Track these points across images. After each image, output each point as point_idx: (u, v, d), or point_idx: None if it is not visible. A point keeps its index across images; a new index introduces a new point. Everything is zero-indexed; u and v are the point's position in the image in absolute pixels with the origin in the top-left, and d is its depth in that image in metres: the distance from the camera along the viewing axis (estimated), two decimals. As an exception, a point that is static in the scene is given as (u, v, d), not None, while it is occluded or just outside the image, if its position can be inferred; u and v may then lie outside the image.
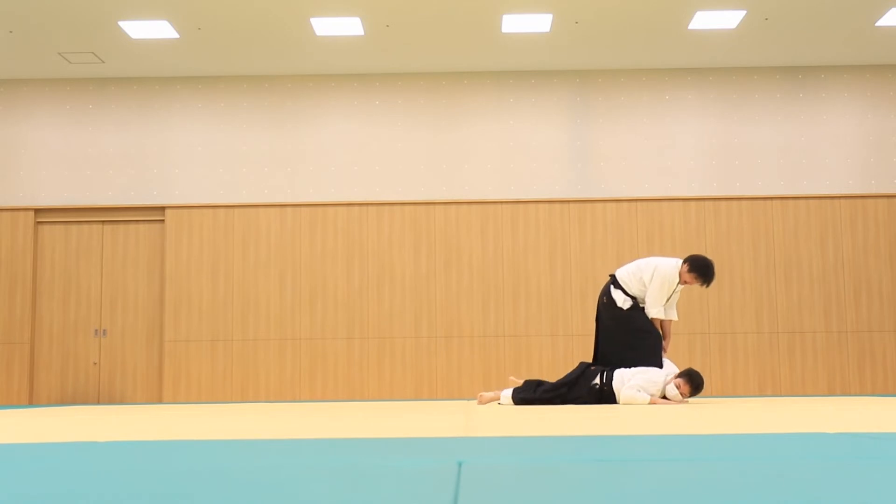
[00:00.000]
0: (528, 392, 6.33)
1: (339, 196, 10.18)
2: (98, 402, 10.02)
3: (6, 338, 10.06)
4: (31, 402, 10.04)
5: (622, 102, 10.29)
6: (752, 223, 10.10)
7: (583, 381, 6.25)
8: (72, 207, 10.22)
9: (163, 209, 10.21)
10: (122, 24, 8.90)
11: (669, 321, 6.60)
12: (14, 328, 10.06)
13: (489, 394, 6.57)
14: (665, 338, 6.59)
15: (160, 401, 9.98)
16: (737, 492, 1.53)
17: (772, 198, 10.12)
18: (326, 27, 9.01)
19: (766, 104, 10.27)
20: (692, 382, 6.09)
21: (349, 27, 9.02)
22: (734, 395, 9.54)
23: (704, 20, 9.01)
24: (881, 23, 9.14)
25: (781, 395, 9.55)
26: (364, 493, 1.56)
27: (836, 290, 10.01)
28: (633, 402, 5.94)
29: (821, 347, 9.94)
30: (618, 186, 10.16)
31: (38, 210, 10.24)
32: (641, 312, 6.51)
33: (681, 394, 6.05)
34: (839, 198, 10.12)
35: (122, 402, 9.99)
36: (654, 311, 6.45)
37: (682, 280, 6.44)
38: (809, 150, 10.21)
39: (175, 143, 10.29)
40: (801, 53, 9.95)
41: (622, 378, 6.14)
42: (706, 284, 6.41)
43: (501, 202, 10.12)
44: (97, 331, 10.12)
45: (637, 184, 10.15)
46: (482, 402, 6.51)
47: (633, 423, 3.55)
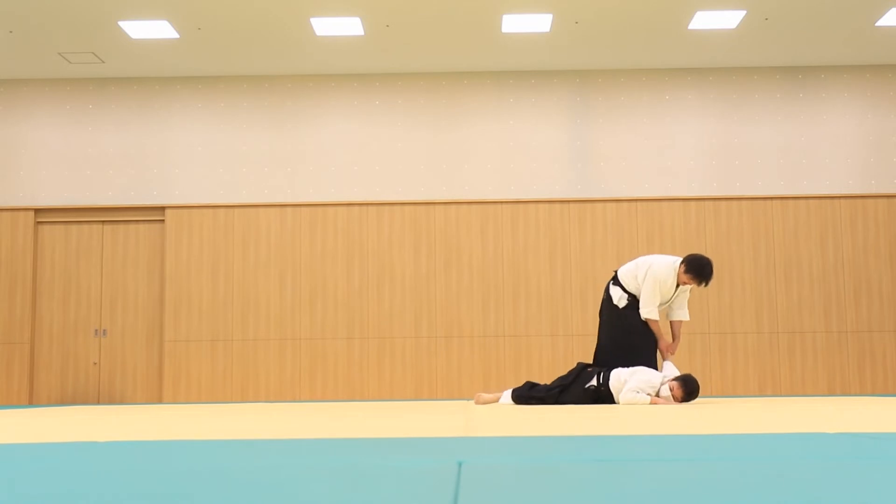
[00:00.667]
0: (524, 390, 6.35)
1: (339, 196, 10.18)
2: (98, 402, 10.02)
3: (6, 338, 10.06)
4: (31, 402, 10.04)
5: (622, 102, 10.28)
6: (752, 223, 10.10)
7: (579, 383, 6.23)
8: (72, 207, 10.22)
9: (163, 209, 10.22)
10: (122, 24, 8.90)
11: (679, 322, 6.54)
12: (14, 328, 10.06)
13: (488, 395, 6.56)
14: (674, 338, 6.55)
15: (160, 401, 9.98)
16: (737, 492, 1.53)
17: (772, 198, 10.12)
18: (326, 27, 9.01)
19: (766, 104, 10.27)
20: (686, 388, 6.02)
21: (349, 27, 9.02)
22: (734, 395, 9.54)
23: (704, 20, 9.01)
24: (881, 23, 9.14)
25: (781, 395, 9.55)
26: (364, 493, 1.56)
27: (836, 290, 10.01)
28: (634, 404, 5.92)
29: (821, 347, 9.94)
30: (618, 186, 10.16)
31: (38, 210, 10.24)
32: (636, 312, 6.48)
33: (673, 397, 5.99)
34: (839, 198, 10.12)
35: (122, 402, 9.99)
36: (645, 312, 6.40)
37: (680, 280, 6.40)
38: (809, 150, 10.21)
39: (175, 143, 10.29)
40: (801, 53, 9.95)
41: (619, 378, 6.11)
42: (703, 284, 6.34)
43: (501, 202, 10.12)
44: (97, 331, 10.12)
45: (637, 184, 10.15)
46: (479, 403, 6.50)
47: (633, 423, 3.55)
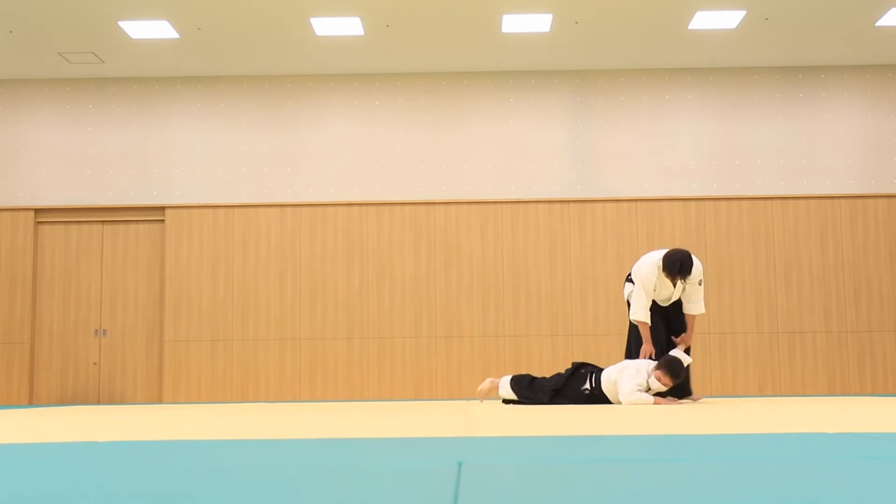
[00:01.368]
0: (522, 385, 6.31)
1: (339, 196, 10.18)
2: (98, 402, 10.02)
3: (6, 338, 10.06)
4: (31, 402, 10.05)
5: (622, 102, 10.28)
6: (752, 223, 10.10)
7: (573, 384, 6.19)
8: (72, 207, 10.22)
9: (163, 209, 10.22)
10: (122, 24, 8.90)
11: (692, 315, 6.51)
12: (14, 328, 10.07)
13: (485, 384, 6.52)
14: (686, 330, 6.52)
15: (160, 401, 9.98)
16: (737, 492, 1.53)
17: (772, 198, 10.12)
18: (326, 27, 9.01)
19: (766, 104, 10.27)
20: (671, 371, 5.95)
21: (349, 27, 9.02)
22: (734, 395, 9.54)
23: (704, 20, 9.01)
24: (881, 23, 9.14)
25: (781, 395, 9.55)
26: (364, 493, 1.56)
27: (836, 290, 10.01)
28: (638, 404, 5.88)
29: (821, 347, 9.94)
30: (618, 186, 10.16)
31: (38, 210, 10.24)
32: None
33: (663, 385, 5.95)
34: (839, 198, 10.12)
35: (122, 402, 9.99)
36: (630, 314, 6.46)
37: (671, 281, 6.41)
38: (809, 150, 10.21)
39: (175, 143, 10.29)
40: (801, 53, 9.95)
41: (609, 378, 6.06)
42: (680, 279, 6.28)
43: (501, 202, 10.12)
44: (97, 331, 10.12)
45: (637, 184, 10.15)
46: (482, 397, 6.51)
47: (633, 423, 3.55)
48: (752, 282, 10.02)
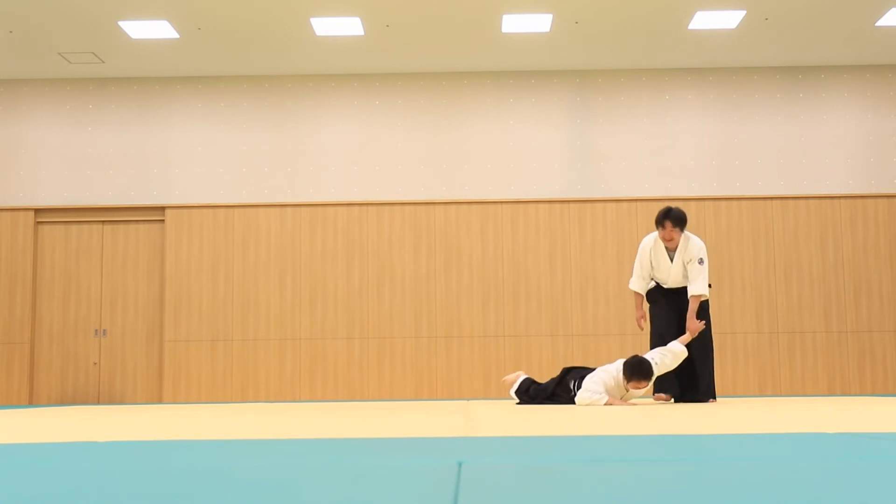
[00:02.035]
0: (521, 390, 6.35)
1: (339, 196, 10.18)
2: (98, 402, 10.02)
3: (6, 338, 10.06)
4: (31, 402, 10.04)
5: (622, 102, 10.28)
6: (752, 223, 10.10)
7: (560, 391, 6.17)
8: (72, 207, 10.22)
9: (163, 209, 10.21)
10: (122, 24, 8.90)
11: (693, 296, 6.23)
12: (14, 328, 10.06)
13: (512, 375, 6.57)
14: (687, 318, 6.28)
15: (160, 401, 9.98)
16: (737, 492, 1.53)
17: (772, 198, 10.12)
18: (326, 27, 9.01)
19: (766, 104, 10.27)
20: (630, 373, 5.90)
21: (349, 27, 9.02)
22: (734, 395, 9.53)
23: (704, 20, 9.01)
24: (881, 23, 9.13)
25: (781, 395, 9.55)
26: (364, 493, 1.56)
27: (836, 290, 10.01)
28: (590, 404, 5.81)
29: (821, 347, 9.94)
30: (618, 186, 10.16)
31: (38, 210, 10.24)
32: (651, 300, 6.62)
33: (637, 389, 5.91)
34: (839, 198, 10.12)
35: (122, 402, 9.99)
36: (630, 283, 6.64)
37: (661, 237, 6.36)
38: (809, 150, 10.20)
39: (175, 143, 10.29)
40: (801, 53, 9.95)
41: (586, 387, 6.03)
42: (661, 227, 6.31)
43: (501, 202, 10.12)
44: (97, 331, 10.12)
45: (637, 184, 10.15)
46: (508, 386, 6.55)
47: (633, 424, 3.55)
48: (752, 282, 10.01)
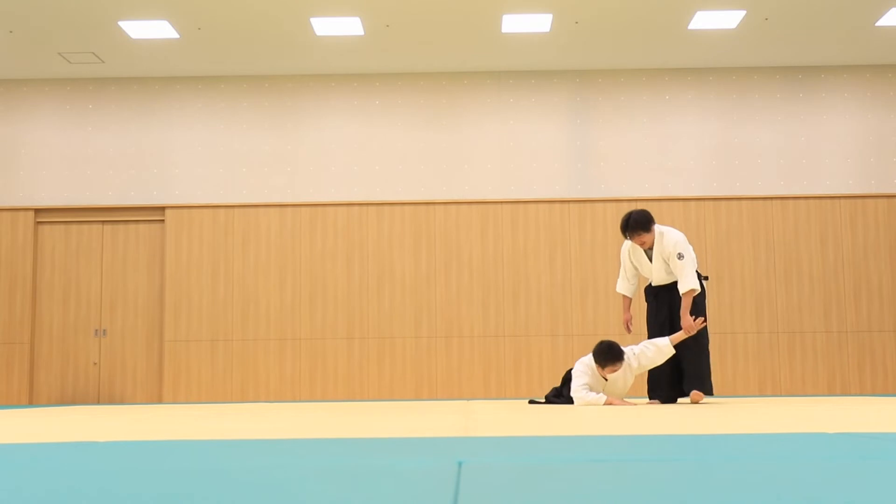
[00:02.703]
0: (548, 397, 6.42)
1: (339, 196, 10.18)
2: (98, 402, 10.02)
3: (6, 338, 10.06)
4: (31, 402, 10.04)
5: (622, 102, 10.28)
6: (752, 223, 10.10)
7: (567, 391, 6.20)
8: (72, 207, 10.22)
9: (163, 209, 10.21)
10: (122, 24, 8.90)
11: (685, 294, 6.12)
12: (14, 328, 10.06)
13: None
14: (682, 315, 6.18)
15: (160, 401, 9.98)
16: (737, 492, 1.53)
17: (772, 198, 10.12)
18: (326, 27, 9.01)
19: (766, 104, 10.27)
20: (597, 357, 5.92)
21: (349, 27, 9.02)
22: (734, 395, 9.53)
23: (704, 20, 9.01)
24: (881, 23, 9.14)
25: (781, 395, 9.55)
26: (364, 493, 1.56)
27: (836, 290, 10.01)
28: (590, 404, 5.84)
29: (821, 347, 9.94)
30: (618, 186, 10.16)
31: (38, 210, 10.24)
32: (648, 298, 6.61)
33: (609, 374, 5.92)
34: (839, 198, 10.12)
35: (122, 402, 9.99)
36: (617, 285, 6.70)
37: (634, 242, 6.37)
38: (809, 150, 10.21)
39: (175, 143, 10.29)
40: (801, 53, 9.95)
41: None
42: (631, 237, 6.29)
43: (501, 202, 10.12)
44: (97, 331, 10.12)
45: (637, 184, 10.15)
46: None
47: (633, 424, 3.55)
48: (752, 282, 10.01)
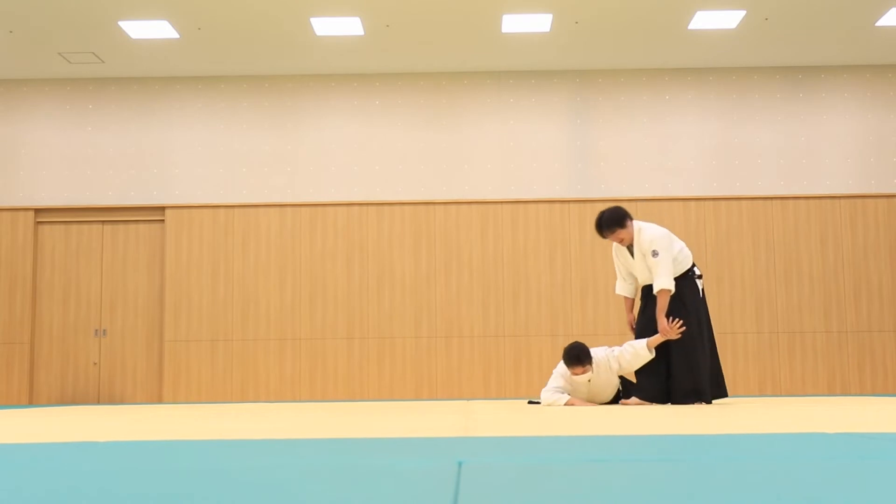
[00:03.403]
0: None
1: (339, 196, 10.18)
2: (98, 402, 10.02)
3: (6, 338, 10.06)
4: (31, 402, 10.04)
5: (622, 102, 10.28)
6: (752, 223, 10.10)
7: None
8: (72, 207, 10.22)
9: (163, 209, 10.21)
10: (122, 24, 8.90)
11: (659, 293, 6.03)
12: (14, 328, 10.06)
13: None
14: (658, 317, 6.10)
15: (160, 401, 9.98)
16: (737, 492, 1.53)
17: (772, 198, 10.12)
18: (326, 27, 9.01)
19: (766, 104, 10.27)
20: (571, 358, 5.87)
21: (349, 27, 9.02)
22: (735, 395, 9.53)
23: (704, 20, 9.01)
24: (881, 23, 9.14)
25: (781, 395, 9.55)
26: (364, 493, 1.56)
27: (836, 291, 10.01)
28: (552, 404, 5.88)
29: (821, 347, 9.94)
30: (618, 186, 10.16)
31: (38, 210, 10.24)
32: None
33: (577, 376, 5.89)
34: (839, 198, 10.12)
35: (122, 402, 9.99)
36: (615, 287, 6.57)
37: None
38: (809, 150, 10.21)
39: (175, 143, 10.29)
40: (801, 53, 9.95)
41: None
42: (606, 235, 6.21)
43: (501, 202, 10.12)
44: (97, 331, 10.12)
45: (637, 184, 10.15)
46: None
47: (632, 424, 3.55)
48: (752, 282, 10.01)
